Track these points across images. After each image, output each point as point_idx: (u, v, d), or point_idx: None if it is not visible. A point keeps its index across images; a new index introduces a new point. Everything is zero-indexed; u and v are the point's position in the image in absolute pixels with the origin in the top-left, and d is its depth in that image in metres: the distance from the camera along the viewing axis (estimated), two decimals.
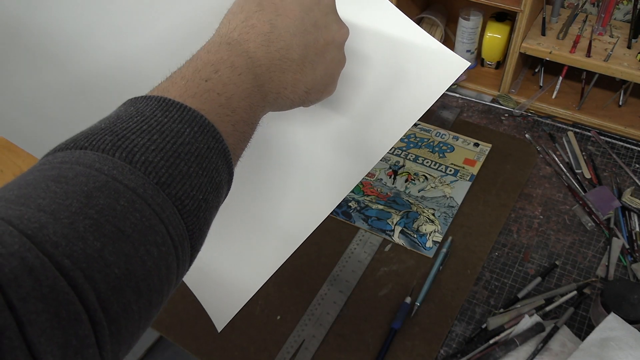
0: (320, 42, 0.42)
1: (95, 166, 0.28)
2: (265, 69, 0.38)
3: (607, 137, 0.93)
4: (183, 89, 0.34)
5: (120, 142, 0.29)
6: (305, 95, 0.42)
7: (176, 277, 0.30)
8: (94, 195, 0.26)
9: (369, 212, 0.83)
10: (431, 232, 0.79)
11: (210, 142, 0.33)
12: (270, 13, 0.39)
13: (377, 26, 0.49)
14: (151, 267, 0.27)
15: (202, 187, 0.31)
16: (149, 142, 0.30)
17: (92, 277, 0.24)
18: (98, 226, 0.25)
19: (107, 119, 0.31)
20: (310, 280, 0.74)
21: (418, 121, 0.98)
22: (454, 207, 0.82)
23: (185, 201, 0.30)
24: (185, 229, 0.30)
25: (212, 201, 0.33)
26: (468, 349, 0.65)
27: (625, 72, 0.87)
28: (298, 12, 0.40)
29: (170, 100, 0.32)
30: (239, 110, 0.36)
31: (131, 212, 0.27)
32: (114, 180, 0.27)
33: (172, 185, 0.30)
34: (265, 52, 0.38)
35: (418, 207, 0.83)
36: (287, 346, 0.68)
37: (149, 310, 0.28)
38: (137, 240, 0.27)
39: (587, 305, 0.70)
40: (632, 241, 0.76)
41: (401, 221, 0.81)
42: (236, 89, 0.36)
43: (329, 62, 0.43)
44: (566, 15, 0.97)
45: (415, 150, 0.92)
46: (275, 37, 0.39)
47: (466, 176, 0.87)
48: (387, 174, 0.89)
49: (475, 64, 1.10)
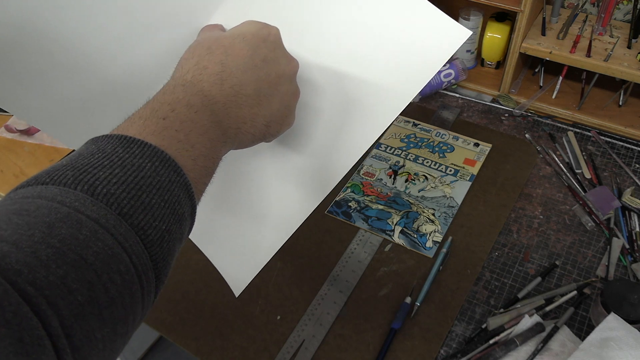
0: (272, 76, 0.44)
1: (57, 199, 0.28)
2: (221, 106, 0.40)
3: (607, 137, 0.93)
4: (142, 128, 0.35)
5: (82, 176, 0.30)
6: (265, 129, 0.44)
7: (142, 307, 0.31)
8: (56, 226, 0.27)
9: (369, 212, 0.83)
10: (431, 232, 0.79)
11: (172, 176, 0.34)
12: (220, 54, 0.41)
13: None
14: (115, 295, 0.28)
15: (165, 218, 0.32)
16: (110, 175, 0.31)
17: (56, 303, 0.24)
18: (61, 254, 0.26)
19: (69, 157, 0.33)
20: (310, 280, 0.74)
21: (418, 121, 0.98)
22: (454, 207, 0.82)
23: (148, 231, 0.31)
24: (148, 259, 0.31)
25: (176, 232, 0.34)
26: (468, 349, 0.65)
27: (625, 72, 0.87)
28: (246, 51, 0.42)
29: (130, 137, 0.34)
30: (198, 145, 0.37)
31: (93, 241, 0.27)
32: (76, 212, 0.28)
33: (134, 216, 0.30)
34: (219, 89, 0.40)
35: (418, 207, 0.83)
36: (287, 346, 0.68)
37: (114, 339, 0.28)
38: (100, 268, 0.27)
39: (587, 305, 0.70)
40: (632, 241, 0.76)
41: (401, 221, 0.81)
42: (194, 125, 0.37)
43: (283, 94, 0.45)
44: (566, 15, 0.97)
45: (416, 150, 0.92)
46: (227, 75, 0.41)
47: (466, 176, 0.87)
48: (387, 174, 0.89)
49: (475, 64, 1.10)
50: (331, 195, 0.85)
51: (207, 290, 0.74)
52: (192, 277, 0.75)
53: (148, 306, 0.32)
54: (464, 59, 1.06)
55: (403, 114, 1.00)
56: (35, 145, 0.99)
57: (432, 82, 1.01)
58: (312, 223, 0.81)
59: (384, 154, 0.92)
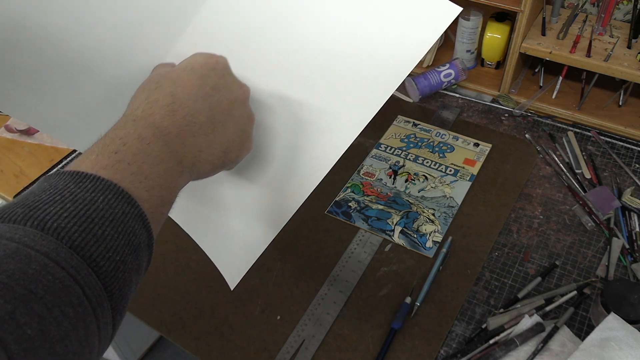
0: (224, 102, 0.44)
1: (6, 236, 0.28)
2: (174, 136, 0.40)
3: (607, 137, 0.93)
4: (94, 162, 0.36)
5: (31, 212, 0.30)
6: (223, 155, 0.45)
7: (98, 340, 0.30)
8: (4, 262, 0.27)
9: (369, 212, 0.83)
10: (431, 232, 0.79)
11: (125, 207, 0.34)
12: (169, 87, 0.42)
13: None
14: (68, 328, 0.27)
15: (119, 249, 0.32)
16: (61, 210, 0.31)
17: (4, 338, 0.24)
18: (9, 289, 0.26)
19: (21, 196, 0.33)
20: (310, 280, 0.74)
21: (418, 121, 0.98)
22: (454, 207, 0.82)
23: (101, 262, 0.31)
24: (103, 290, 0.31)
25: (131, 263, 0.34)
26: (468, 349, 0.65)
27: (625, 72, 0.87)
28: (195, 80, 0.43)
29: (82, 172, 0.34)
30: (152, 176, 0.38)
31: (43, 274, 0.27)
32: (25, 247, 0.28)
33: (86, 248, 0.30)
34: (171, 121, 0.40)
35: (418, 207, 0.83)
36: (287, 346, 0.68)
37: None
38: (50, 302, 0.27)
39: (587, 305, 0.70)
40: (632, 241, 0.76)
41: (401, 221, 0.81)
42: (146, 157, 0.38)
43: (238, 119, 0.46)
44: (566, 15, 0.97)
45: (415, 150, 0.92)
46: (179, 106, 0.41)
47: (466, 176, 0.87)
48: (387, 174, 0.89)
49: (475, 64, 1.10)
50: (331, 195, 0.85)
51: (207, 290, 0.74)
52: (192, 277, 0.75)
53: (106, 338, 0.32)
54: (464, 59, 1.06)
55: (403, 114, 1.00)
56: (35, 145, 0.99)
57: (432, 82, 1.01)
58: (312, 223, 0.81)
59: (383, 154, 0.92)
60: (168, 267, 0.77)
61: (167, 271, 0.76)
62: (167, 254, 0.78)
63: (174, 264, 0.77)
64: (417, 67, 1.08)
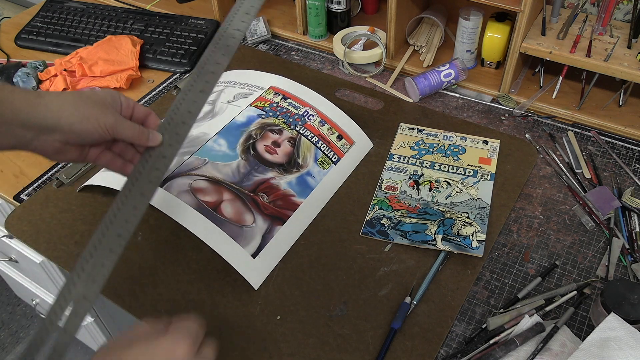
0: None
1: None
2: None
3: (607, 137, 0.93)
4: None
5: None
6: None
7: None
8: None
9: (405, 227, 0.79)
10: (472, 233, 0.78)
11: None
12: None
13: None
14: None
15: None
16: None
17: None
18: None
19: None
20: (310, 280, 0.74)
21: (422, 127, 0.96)
22: (485, 208, 0.81)
23: None
24: None
25: None
26: (468, 349, 0.65)
27: (625, 72, 0.87)
28: None
29: None
30: None
31: None
32: None
33: None
34: None
35: (451, 213, 0.81)
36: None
37: None
38: None
39: (587, 305, 0.70)
40: (632, 241, 0.76)
41: (439, 230, 0.78)
42: None
43: None
44: (566, 15, 0.97)
45: (429, 156, 0.90)
46: None
47: (486, 175, 0.86)
48: (409, 185, 0.86)
49: (475, 64, 1.10)
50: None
51: (207, 290, 0.74)
52: (192, 277, 0.75)
53: None
54: (464, 59, 1.06)
55: (405, 121, 1.00)
56: None
57: (432, 82, 1.01)
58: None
59: (398, 164, 0.89)
60: (168, 267, 0.77)
61: (167, 271, 0.76)
62: (167, 254, 0.78)
63: (174, 264, 0.77)
64: (418, 67, 1.08)
